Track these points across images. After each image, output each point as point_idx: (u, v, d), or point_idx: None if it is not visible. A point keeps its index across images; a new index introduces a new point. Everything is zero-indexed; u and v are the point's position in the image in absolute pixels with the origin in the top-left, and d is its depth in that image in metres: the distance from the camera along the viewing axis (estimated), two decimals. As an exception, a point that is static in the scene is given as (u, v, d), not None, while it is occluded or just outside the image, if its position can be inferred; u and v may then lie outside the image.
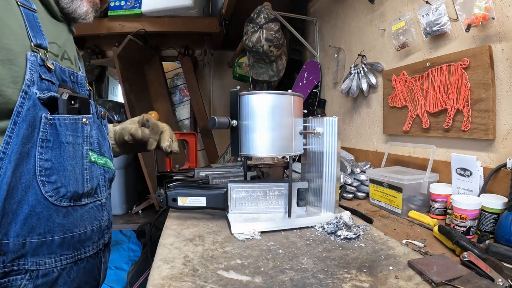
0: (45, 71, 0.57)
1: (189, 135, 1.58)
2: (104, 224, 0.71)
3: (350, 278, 0.59)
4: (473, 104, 0.96)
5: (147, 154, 1.91)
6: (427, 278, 0.57)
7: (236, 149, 0.87)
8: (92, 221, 0.66)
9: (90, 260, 0.67)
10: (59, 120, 0.58)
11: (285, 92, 0.86)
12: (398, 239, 0.78)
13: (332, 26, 1.85)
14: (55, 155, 0.58)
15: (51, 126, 0.57)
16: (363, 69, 1.46)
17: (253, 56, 1.78)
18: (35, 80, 0.55)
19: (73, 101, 0.60)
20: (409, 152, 1.27)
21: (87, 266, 0.66)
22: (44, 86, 0.57)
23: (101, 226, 0.70)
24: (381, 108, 1.41)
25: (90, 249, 0.66)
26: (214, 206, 0.90)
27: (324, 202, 0.91)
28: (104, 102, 2.26)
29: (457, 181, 0.96)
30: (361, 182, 1.25)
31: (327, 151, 0.89)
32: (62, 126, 0.58)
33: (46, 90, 0.57)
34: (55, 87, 0.59)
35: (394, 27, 1.25)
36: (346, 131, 1.72)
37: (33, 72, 0.55)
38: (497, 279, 0.56)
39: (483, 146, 0.96)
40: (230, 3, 1.86)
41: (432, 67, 1.09)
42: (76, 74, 0.66)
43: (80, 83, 0.68)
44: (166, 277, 0.58)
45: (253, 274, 0.60)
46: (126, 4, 2.19)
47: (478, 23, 0.89)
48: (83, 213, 0.64)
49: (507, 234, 0.72)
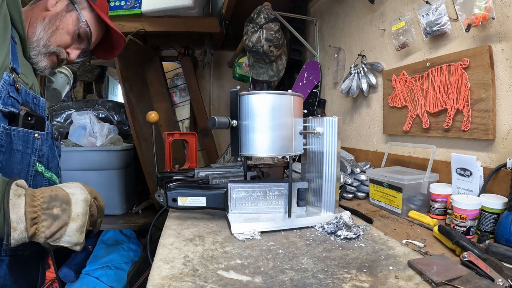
0: (14, 90, 0.67)
1: (189, 135, 1.58)
2: None
3: (350, 278, 0.59)
4: (473, 104, 0.96)
5: (147, 154, 1.91)
6: (427, 278, 0.57)
7: (236, 149, 0.87)
8: None
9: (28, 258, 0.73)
10: (13, 131, 0.67)
11: (285, 92, 0.86)
12: (398, 239, 0.78)
13: (332, 26, 1.85)
14: (5, 159, 0.66)
15: (7, 135, 0.66)
16: (363, 69, 1.46)
17: (253, 56, 1.77)
18: (2, 96, 0.65)
19: (30, 118, 0.70)
20: (409, 152, 1.27)
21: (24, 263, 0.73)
22: (9, 102, 0.66)
23: None
24: (381, 108, 1.41)
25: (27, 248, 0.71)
26: (214, 206, 0.90)
27: (324, 202, 0.91)
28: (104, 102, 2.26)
29: (457, 181, 0.96)
30: (361, 182, 1.25)
31: (327, 151, 0.89)
32: (15, 136, 0.67)
33: (10, 105, 0.66)
34: (18, 105, 0.69)
35: (394, 27, 1.25)
36: (346, 131, 1.72)
37: (3, 89, 0.65)
38: (497, 279, 0.56)
39: (483, 146, 0.96)
40: (230, 3, 1.86)
41: (432, 67, 1.09)
42: (38, 98, 0.77)
43: (41, 107, 0.77)
44: (166, 277, 0.58)
45: (253, 274, 0.60)
46: (126, 4, 2.19)
47: (478, 23, 0.89)
48: None
49: (507, 234, 0.72)
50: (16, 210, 0.54)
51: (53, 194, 0.59)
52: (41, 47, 0.80)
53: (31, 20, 0.79)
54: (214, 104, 2.88)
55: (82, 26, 0.85)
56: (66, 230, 0.59)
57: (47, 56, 0.82)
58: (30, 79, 0.75)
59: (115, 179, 1.86)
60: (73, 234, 0.60)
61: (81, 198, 0.62)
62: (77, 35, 0.85)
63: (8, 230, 0.53)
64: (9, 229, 0.53)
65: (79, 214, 0.61)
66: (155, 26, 2.21)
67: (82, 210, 0.61)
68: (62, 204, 0.59)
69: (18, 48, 0.72)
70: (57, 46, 0.82)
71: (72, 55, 0.87)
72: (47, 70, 0.84)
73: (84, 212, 0.62)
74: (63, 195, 0.60)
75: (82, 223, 0.61)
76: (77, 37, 0.86)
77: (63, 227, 0.59)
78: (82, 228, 0.61)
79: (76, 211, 0.60)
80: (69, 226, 0.59)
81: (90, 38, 0.88)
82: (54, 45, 0.81)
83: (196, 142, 1.57)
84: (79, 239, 0.61)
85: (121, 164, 1.86)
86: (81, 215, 0.61)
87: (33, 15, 0.80)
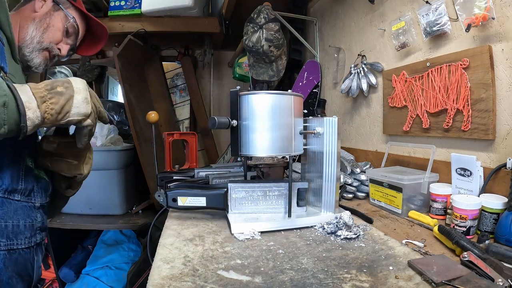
0: None
1: (189, 135, 1.58)
2: (37, 225, 0.78)
3: (350, 278, 0.59)
4: (473, 104, 0.96)
5: (147, 154, 1.91)
6: (427, 278, 0.57)
7: (236, 149, 0.87)
8: (25, 217, 0.74)
9: (23, 253, 0.74)
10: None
11: (285, 92, 0.86)
12: (398, 239, 0.78)
13: (332, 26, 1.85)
14: None
15: None
16: (363, 69, 1.46)
17: (253, 56, 1.77)
18: None
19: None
20: (409, 152, 1.27)
21: (19, 258, 0.73)
22: None
23: (33, 225, 0.77)
24: (381, 108, 1.41)
25: (22, 243, 0.73)
26: (214, 206, 0.90)
27: (324, 202, 0.91)
28: (104, 102, 2.26)
29: (457, 181, 0.96)
30: (361, 182, 1.25)
31: (327, 151, 0.89)
32: None
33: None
34: None
35: (394, 27, 1.25)
36: (346, 131, 1.72)
37: None
38: (497, 279, 0.56)
39: (483, 146, 0.96)
40: (230, 3, 1.86)
41: (432, 67, 1.09)
42: None
43: None
44: (166, 277, 0.58)
45: (253, 274, 0.60)
46: (126, 4, 2.19)
47: (478, 23, 0.89)
48: (17, 208, 0.72)
49: (507, 234, 0.72)
50: (24, 92, 0.59)
51: (53, 80, 0.65)
52: (35, 44, 0.85)
53: (20, 23, 0.84)
54: (214, 104, 2.88)
55: (70, 22, 0.92)
56: (73, 102, 0.64)
57: (41, 52, 0.87)
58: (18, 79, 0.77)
59: (115, 179, 1.86)
60: (80, 104, 0.65)
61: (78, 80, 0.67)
62: (66, 31, 0.92)
63: (23, 109, 0.58)
64: (24, 108, 0.58)
65: (81, 88, 0.66)
66: (155, 26, 2.21)
67: (83, 84, 0.67)
68: (64, 83, 0.65)
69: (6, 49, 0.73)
70: (49, 42, 0.88)
71: (63, 50, 0.93)
72: (41, 67, 0.88)
73: (85, 87, 0.67)
74: (63, 79, 0.66)
75: (86, 95, 0.66)
76: (66, 34, 0.93)
77: (69, 99, 0.64)
78: (87, 99, 0.66)
79: (77, 86, 0.66)
80: (75, 98, 0.64)
81: (77, 33, 0.96)
82: (47, 41, 0.87)
83: (196, 142, 1.57)
84: (87, 109, 0.66)
85: (121, 164, 1.86)
86: (83, 89, 0.66)
87: (21, 19, 0.85)
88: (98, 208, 1.89)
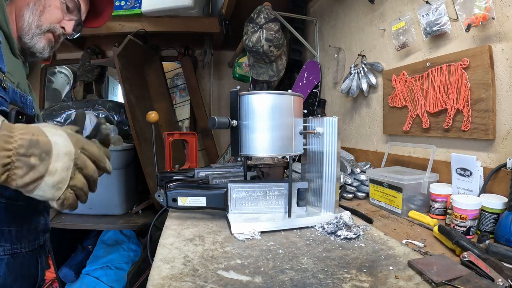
0: (1, 89, 0.66)
1: (189, 135, 1.58)
2: (40, 227, 0.78)
3: (350, 278, 0.59)
4: (473, 104, 0.96)
5: (147, 154, 1.91)
6: (427, 278, 0.57)
7: (236, 149, 0.87)
8: (29, 221, 0.74)
9: (27, 256, 0.74)
10: None
11: (285, 92, 0.86)
12: (398, 239, 0.78)
13: (332, 26, 1.85)
14: None
15: None
16: (363, 69, 1.46)
17: (253, 56, 1.77)
18: None
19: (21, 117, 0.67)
20: (409, 152, 1.27)
21: (23, 261, 0.73)
22: None
23: (37, 228, 0.77)
24: (381, 108, 1.41)
25: (26, 246, 0.73)
26: (214, 206, 0.90)
27: (324, 202, 0.91)
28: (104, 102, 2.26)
29: (457, 181, 0.96)
30: (361, 182, 1.25)
31: (327, 151, 0.89)
32: None
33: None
34: (7, 104, 0.67)
35: (394, 27, 1.25)
36: (346, 131, 1.72)
37: None
38: (497, 279, 0.56)
39: (483, 146, 0.96)
40: (230, 3, 1.86)
41: (432, 67, 1.09)
42: (26, 97, 0.75)
43: (28, 105, 0.76)
44: (166, 277, 0.58)
45: (253, 274, 0.60)
46: (126, 4, 2.19)
47: (478, 23, 0.89)
48: (20, 212, 0.71)
49: (507, 234, 0.72)
50: None
51: (34, 139, 0.50)
52: (34, 29, 0.80)
53: (16, 12, 0.80)
54: (214, 104, 2.88)
55: None
56: (40, 185, 0.50)
57: (43, 36, 0.82)
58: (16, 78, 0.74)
59: (115, 179, 1.86)
60: (47, 189, 0.51)
61: (64, 150, 0.52)
62: (66, 8, 0.86)
63: None
64: None
65: (58, 168, 0.51)
66: (155, 26, 2.21)
67: (63, 164, 0.52)
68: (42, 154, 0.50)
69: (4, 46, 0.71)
70: (49, 23, 0.83)
71: (68, 28, 0.87)
72: (47, 51, 0.84)
73: (65, 167, 0.52)
74: (45, 142, 0.50)
75: (60, 179, 0.52)
76: (66, 10, 0.87)
77: (38, 179, 0.50)
78: (59, 184, 0.52)
79: (55, 165, 0.51)
80: (45, 180, 0.50)
81: (79, 7, 0.90)
82: (47, 23, 0.82)
83: (196, 142, 1.57)
84: (53, 196, 0.53)
85: (121, 164, 1.86)
86: (60, 170, 0.52)
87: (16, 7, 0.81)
88: (98, 208, 1.89)
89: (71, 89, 2.77)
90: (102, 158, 0.59)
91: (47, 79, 2.65)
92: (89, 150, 0.57)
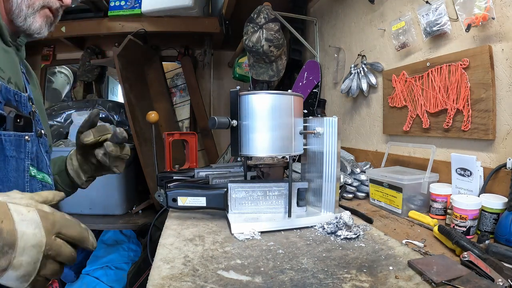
0: None
1: (189, 135, 1.58)
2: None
3: (350, 278, 0.59)
4: (473, 104, 0.96)
5: (147, 154, 1.91)
6: (427, 278, 0.57)
7: (236, 149, 0.87)
8: None
9: None
10: (5, 136, 0.62)
11: (285, 92, 0.86)
12: (398, 239, 0.78)
13: (332, 26, 1.85)
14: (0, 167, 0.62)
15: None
16: (363, 69, 1.46)
17: (253, 56, 1.77)
18: None
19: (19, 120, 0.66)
20: (409, 152, 1.27)
21: None
22: None
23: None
24: (381, 108, 1.41)
25: None
26: (214, 206, 0.90)
27: (324, 202, 0.91)
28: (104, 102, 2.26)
29: (457, 181, 0.96)
30: (361, 182, 1.25)
31: (327, 151, 0.89)
32: (7, 142, 0.63)
33: None
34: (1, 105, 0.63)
35: (394, 27, 1.25)
36: (346, 131, 1.72)
37: None
38: (497, 279, 0.56)
39: (483, 146, 0.96)
40: (230, 3, 1.86)
41: (432, 67, 1.09)
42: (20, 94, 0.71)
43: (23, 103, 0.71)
44: (166, 277, 0.58)
45: (253, 274, 0.60)
46: (126, 4, 2.19)
47: (478, 23, 0.89)
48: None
49: (507, 234, 0.72)
50: None
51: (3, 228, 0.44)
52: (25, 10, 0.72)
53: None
54: (214, 104, 2.88)
55: None
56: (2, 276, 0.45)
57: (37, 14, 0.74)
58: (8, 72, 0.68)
59: (115, 179, 1.86)
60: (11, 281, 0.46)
61: (32, 242, 0.46)
62: None
63: None
64: None
65: (24, 262, 0.46)
66: (155, 26, 2.21)
67: (29, 258, 0.46)
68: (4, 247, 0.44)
69: None
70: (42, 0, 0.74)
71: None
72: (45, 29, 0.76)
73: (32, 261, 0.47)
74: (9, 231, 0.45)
75: (25, 273, 0.47)
76: None
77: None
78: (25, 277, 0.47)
79: (20, 259, 0.45)
80: (7, 274, 0.45)
81: None
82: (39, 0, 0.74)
83: (196, 142, 1.57)
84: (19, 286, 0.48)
85: (121, 164, 1.86)
86: (26, 264, 0.46)
87: None
88: (98, 208, 1.89)
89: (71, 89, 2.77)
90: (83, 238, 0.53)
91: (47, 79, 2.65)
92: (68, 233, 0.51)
